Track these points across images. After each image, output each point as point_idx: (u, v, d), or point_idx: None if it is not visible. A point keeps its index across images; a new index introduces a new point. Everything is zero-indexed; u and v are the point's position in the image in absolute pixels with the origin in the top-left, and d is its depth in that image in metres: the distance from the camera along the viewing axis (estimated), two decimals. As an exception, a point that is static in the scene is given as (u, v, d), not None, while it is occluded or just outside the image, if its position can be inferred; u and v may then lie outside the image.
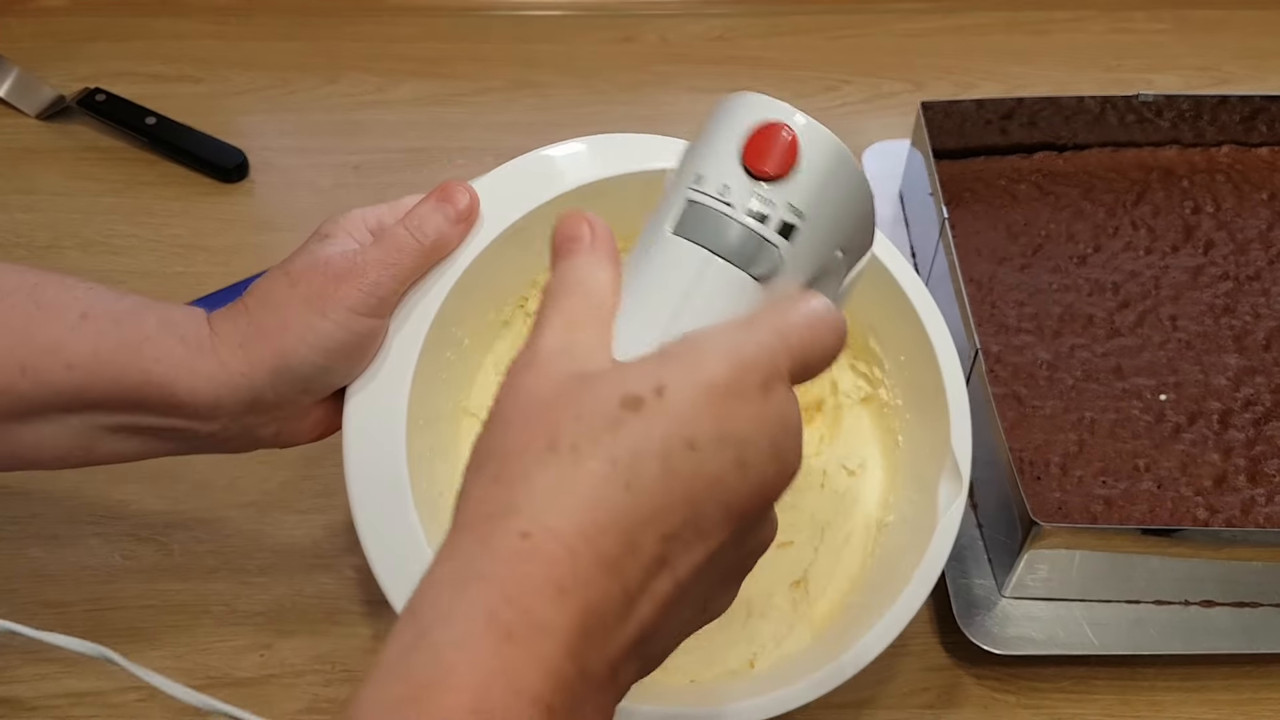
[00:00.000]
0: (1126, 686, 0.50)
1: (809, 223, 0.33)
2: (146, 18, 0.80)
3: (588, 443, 0.28)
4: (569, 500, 0.27)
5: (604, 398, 0.29)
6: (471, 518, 0.28)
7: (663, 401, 0.28)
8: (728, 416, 0.29)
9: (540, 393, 0.30)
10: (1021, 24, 0.82)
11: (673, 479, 0.28)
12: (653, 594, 0.28)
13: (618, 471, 0.28)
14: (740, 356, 0.29)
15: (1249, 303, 0.60)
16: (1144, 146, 0.67)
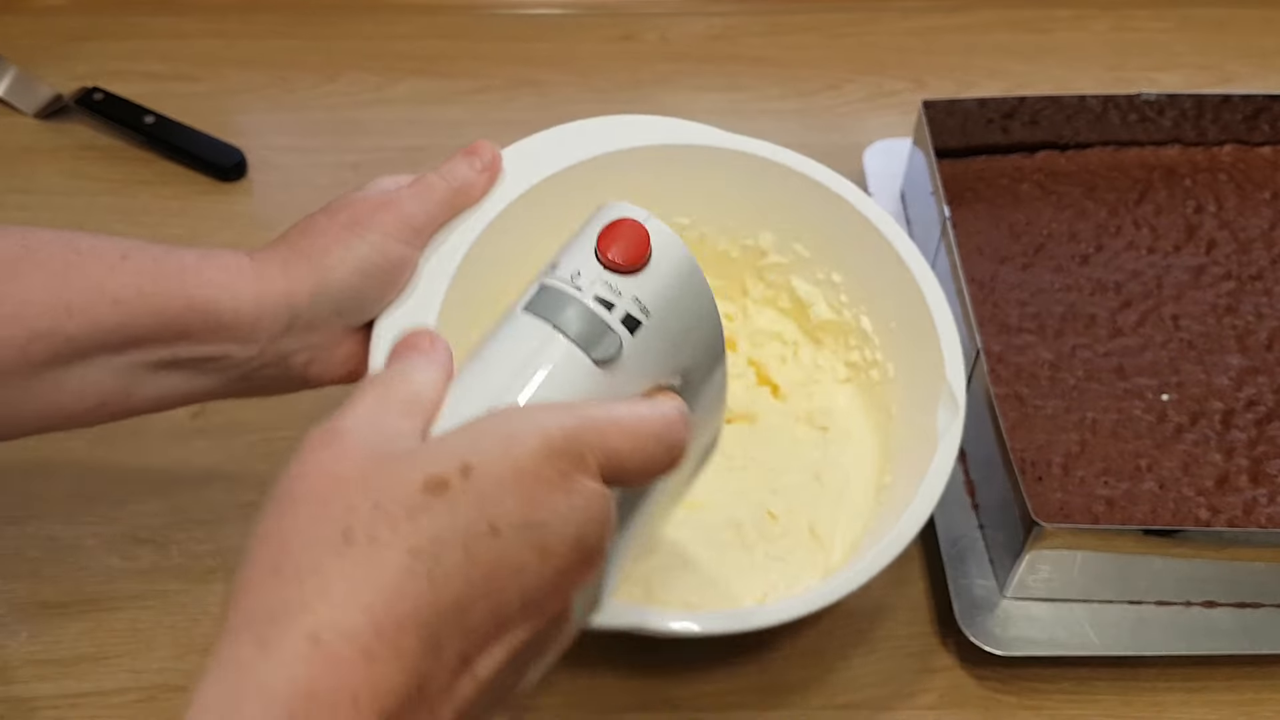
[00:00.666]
0: (1128, 687, 0.50)
1: (654, 321, 0.34)
2: (145, 16, 0.80)
3: (387, 531, 0.26)
4: (366, 596, 0.25)
5: (406, 480, 0.27)
6: (249, 617, 0.26)
7: (468, 483, 0.27)
8: (532, 501, 0.27)
9: (338, 472, 0.28)
10: (1024, 22, 0.82)
11: (474, 567, 0.26)
12: (454, 697, 0.27)
13: (419, 562, 0.26)
14: (549, 440, 0.28)
15: (1251, 302, 0.60)
16: (1146, 145, 0.67)
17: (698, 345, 0.36)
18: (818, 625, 0.52)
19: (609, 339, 0.33)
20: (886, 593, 0.53)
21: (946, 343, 0.48)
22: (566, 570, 0.28)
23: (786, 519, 0.51)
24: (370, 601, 0.25)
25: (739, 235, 0.56)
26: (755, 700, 0.49)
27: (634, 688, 0.49)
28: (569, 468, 0.28)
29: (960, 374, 0.47)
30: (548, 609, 0.29)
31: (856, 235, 0.52)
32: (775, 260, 0.56)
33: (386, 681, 0.25)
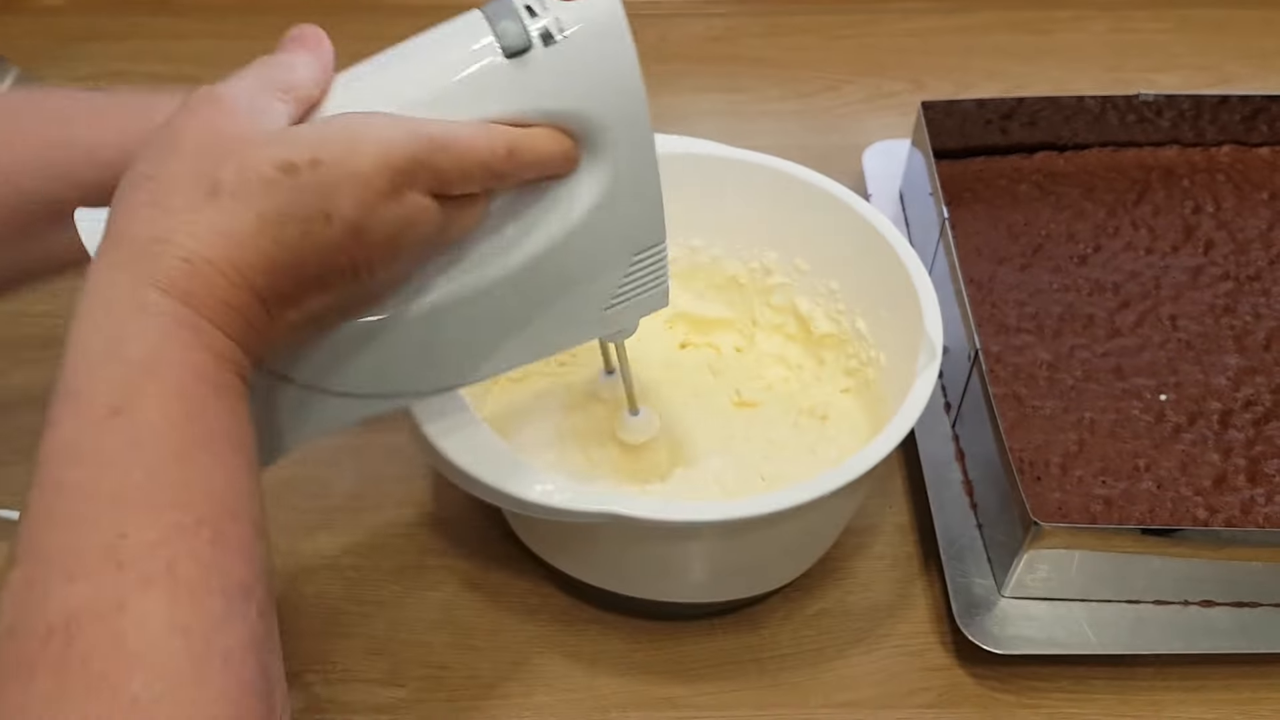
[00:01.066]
0: (1126, 686, 0.50)
1: (569, 46, 0.36)
2: (145, 17, 0.80)
3: (244, 193, 0.32)
4: (224, 240, 0.32)
5: (267, 156, 0.33)
6: (131, 239, 0.32)
7: (314, 174, 0.33)
8: (362, 203, 0.33)
9: (217, 127, 0.34)
10: (1022, 23, 0.82)
11: (305, 241, 0.33)
12: (288, 322, 0.34)
13: (265, 226, 0.32)
14: (388, 155, 0.33)
15: (1249, 303, 0.60)
16: (1144, 146, 0.67)
17: (607, 98, 0.37)
18: (818, 624, 0.52)
19: (516, 33, 0.36)
20: (886, 592, 0.53)
21: (926, 302, 0.48)
22: (375, 261, 0.35)
23: (775, 482, 0.52)
24: (226, 245, 0.32)
25: (746, 257, 0.57)
26: (755, 699, 0.50)
27: (634, 687, 0.50)
28: (401, 182, 0.34)
29: (938, 326, 0.48)
30: (350, 285, 0.35)
31: (839, 223, 0.53)
32: (780, 280, 0.56)
33: (239, 297, 0.32)
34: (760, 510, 0.42)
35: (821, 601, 0.53)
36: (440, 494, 0.56)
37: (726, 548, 0.47)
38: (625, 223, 0.40)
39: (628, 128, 0.38)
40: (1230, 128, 0.67)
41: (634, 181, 0.39)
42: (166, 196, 0.32)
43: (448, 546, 0.54)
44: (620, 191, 0.39)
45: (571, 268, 0.40)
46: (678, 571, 0.48)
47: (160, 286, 0.31)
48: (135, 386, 0.31)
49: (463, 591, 0.52)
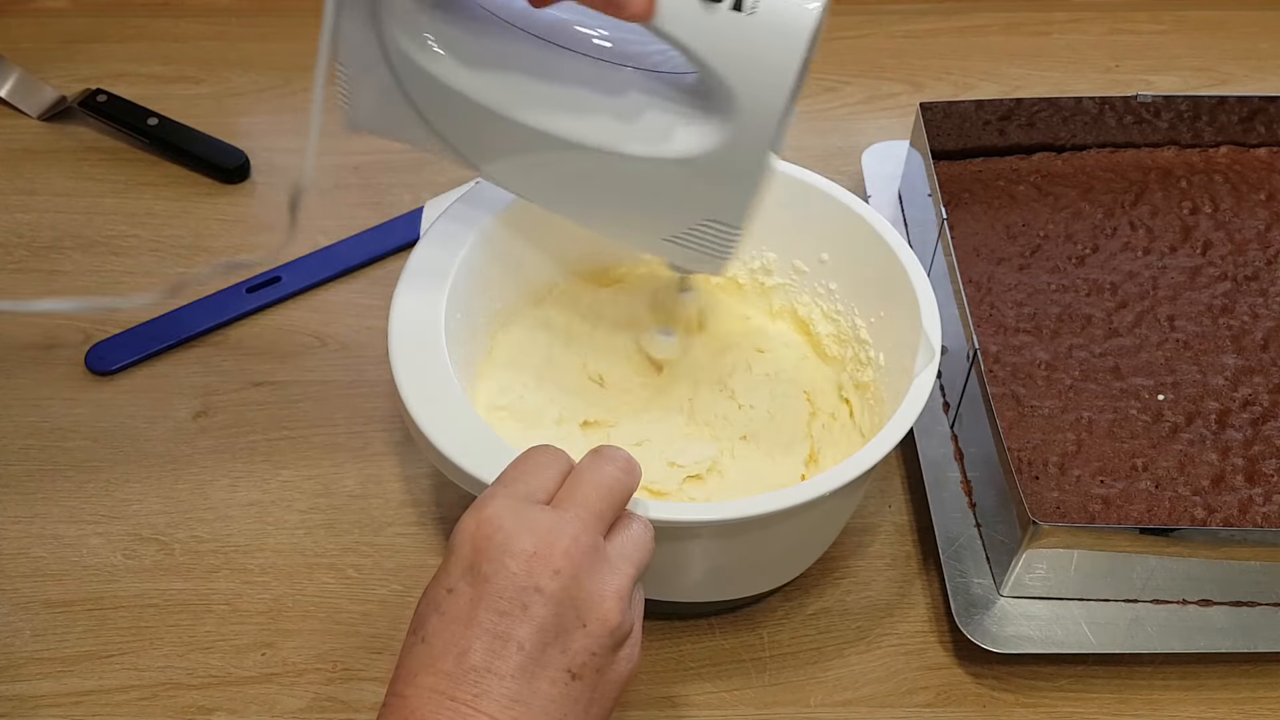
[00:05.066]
0: (1124, 685, 0.50)
1: (750, 20, 0.39)
2: (148, 19, 0.80)
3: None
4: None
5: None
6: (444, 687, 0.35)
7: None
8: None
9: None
10: (1020, 25, 0.82)
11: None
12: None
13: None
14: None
15: (1247, 303, 0.60)
16: (1142, 147, 0.68)
17: (752, 82, 0.39)
18: (817, 624, 0.52)
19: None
20: (885, 591, 0.53)
21: (924, 303, 0.49)
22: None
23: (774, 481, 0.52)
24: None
25: (746, 258, 0.57)
26: (754, 699, 0.50)
27: (633, 687, 0.50)
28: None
29: (936, 326, 0.48)
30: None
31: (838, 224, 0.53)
32: (779, 281, 0.56)
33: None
34: (760, 510, 0.42)
35: (821, 601, 0.53)
36: (441, 493, 0.56)
37: (726, 548, 0.47)
38: (712, 189, 0.43)
39: (756, 116, 0.40)
40: (1228, 129, 0.67)
41: (738, 163, 0.42)
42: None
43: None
44: (722, 163, 0.42)
45: (649, 184, 0.43)
46: (678, 571, 0.48)
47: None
48: None
49: (463, 591, 0.53)
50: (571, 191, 0.46)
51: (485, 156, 0.46)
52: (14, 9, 0.80)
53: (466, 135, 0.46)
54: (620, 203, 0.45)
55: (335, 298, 0.64)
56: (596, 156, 0.43)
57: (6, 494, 0.55)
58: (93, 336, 0.62)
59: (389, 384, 0.46)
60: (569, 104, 0.43)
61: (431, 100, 0.45)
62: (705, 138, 0.41)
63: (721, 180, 0.43)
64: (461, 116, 0.44)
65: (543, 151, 0.44)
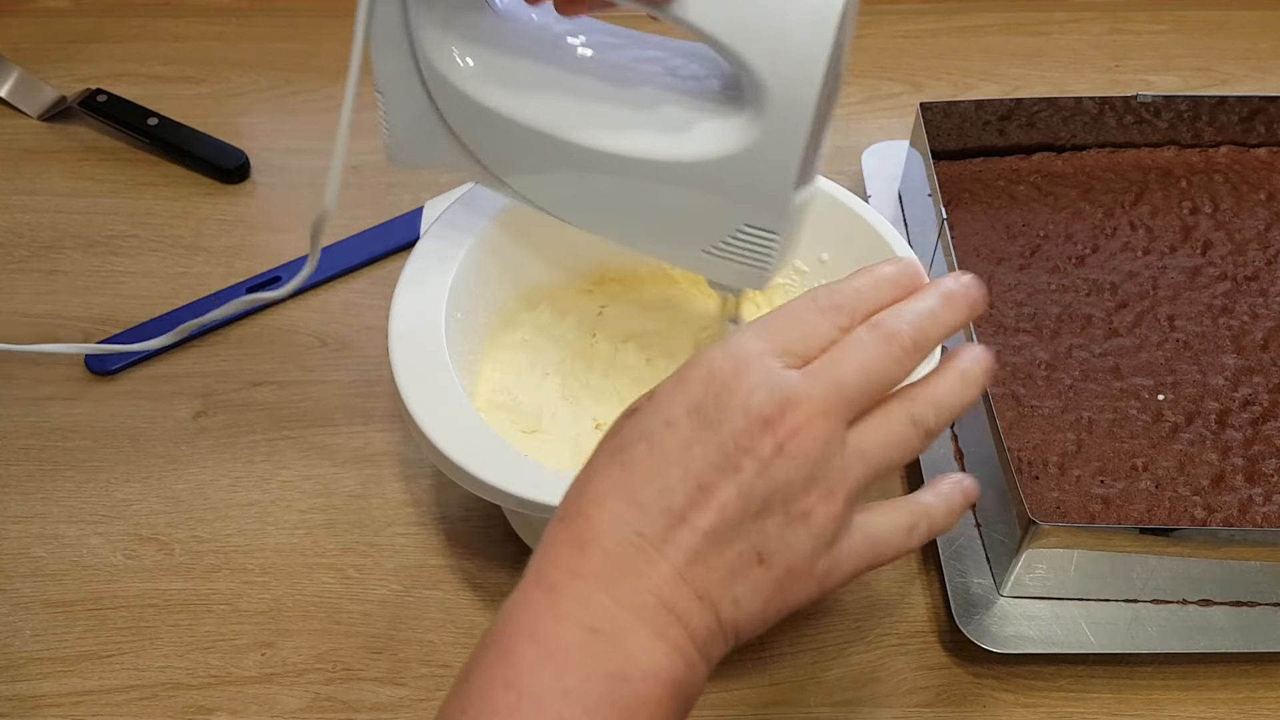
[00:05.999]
0: (1124, 685, 0.50)
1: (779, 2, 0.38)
2: (148, 19, 0.80)
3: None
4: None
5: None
6: (598, 575, 0.34)
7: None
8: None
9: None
10: (1020, 25, 0.82)
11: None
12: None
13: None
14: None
15: (1247, 303, 0.60)
16: (1142, 147, 0.68)
17: (781, 69, 0.38)
18: (816, 624, 0.52)
19: None
20: (884, 591, 0.53)
21: None
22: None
23: None
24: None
25: None
26: (754, 698, 0.50)
27: (634, 685, 0.50)
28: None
29: None
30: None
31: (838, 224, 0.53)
32: (779, 281, 0.57)
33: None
34: None
35: (820, 601, 0.53)
36: (441, 493, 0.56)
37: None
38: (748, 189, 0.41)
39: (787, 105, 0.39)
40: (1228, 129, 0.67)
41: (772, 158, 0.40)
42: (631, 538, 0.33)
43: (449, 546, 0.54)
44: (756, 159, 0.40)
45: (686, 192, 0.42)
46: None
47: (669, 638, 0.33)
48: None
49: (464, 591, 0.53)
50: (611, 209, 0.45)
51: (526, 180, 0.46)
52: (14, 9, 0.80)
53: (505, 158, 0.45)
54: (659, 217, 0.44)
55: (335, 298, 0.64)
56: (631, 167, 0.42)
57: (6, 494, 0.55)
58: (93, 336, 0.62)
59: (389, 384, 0.46)
60: (601, 117, 0.42)
61: (468, 123, 0.44)
62: (737, 134, 0.40)
63: (756, 180, 0.41)
64: (498, 138, 0.44)
65: (579, 168, 0.43)
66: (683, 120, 0.41)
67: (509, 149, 0.45)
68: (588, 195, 0.45)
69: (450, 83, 0.43)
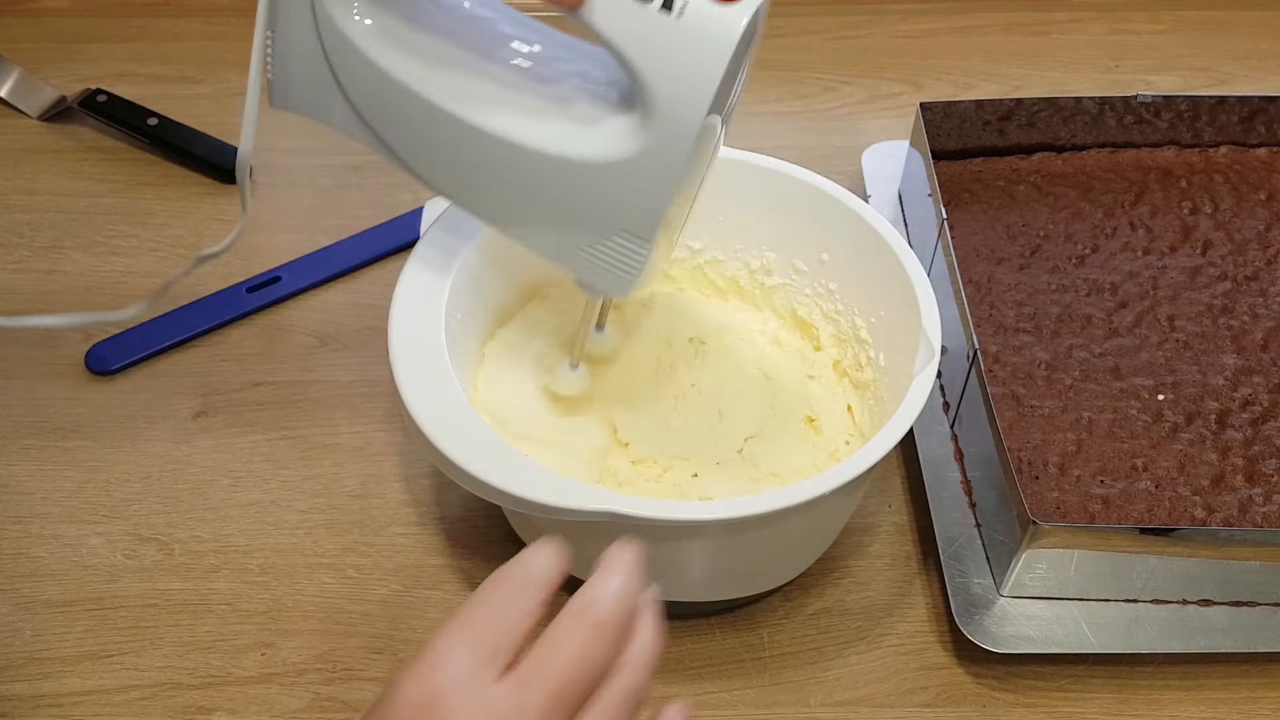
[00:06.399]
0: (1124, 685, 0.50)
1: (675, 24, 0.38)
2: (148, 19, 0.80)
3: None
4: None
5: None
6: None
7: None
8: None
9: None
10: (1020, 25, 0.82)
11: None
12: None
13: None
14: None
15: (1247, 303, 0.60)
16: (1142, 147, 0.68)
17: (672, 88, 0.39)
18: (817, 623, 0.52)
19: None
20: (884, 591, 0.53)
21: (924, 303, 0.49)
22: None
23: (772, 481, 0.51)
24: None
25: (746, 258, 0.57)
26: (754, 698, 0.50)
27: (634, 685, 0.50)
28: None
29: (936, 326, 0.48)
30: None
31: (838, 224, 0.53)
32: (779, 281, 0.57)
33: None
34: (760, 510, 0.42)
35: (821, 601, 0.53)
36: (441, 493, 0.56)
37: (726, 547, 0.47)
38: (626, 197, 0.42)
39: (674, 123, 0.39)
40: (1228, 129, 0.67)
41: (654, 171, 0.41)
42: None
43: (449, 546, 0.54)
44: (637, 169, 0.41)
45: (566, 190, 0.42)
46: (678, 571, 0.48)
47: None
48: None
49: (464, 590, 0.53)
50: (489, 192, 0.45)
51: (413, 152, 0.45)
52: (14, 9, 0.80)
53: (394, 126, 0.45)
54: (536, 207, 0.44)
55: (335, 298, 0.64)
56: (514, 153, 0.42)
57: (6, 494, 0.55)
58: (93, 336, 0.62)
59: (389, 384, 0.46)
60: (492, 96, 0.42)
61: (357, 80, 0.44)
62: (623, 142, 0.41)
63: (635, 190, 0.42)
64: (386, 100, 0.44)
65: (462, 145, 0.43)
66: (589, 120, 0.42)
67: (401, 119, 0.44)
68: (474, 176, 0.45)
69: (347, 39, 0.43)
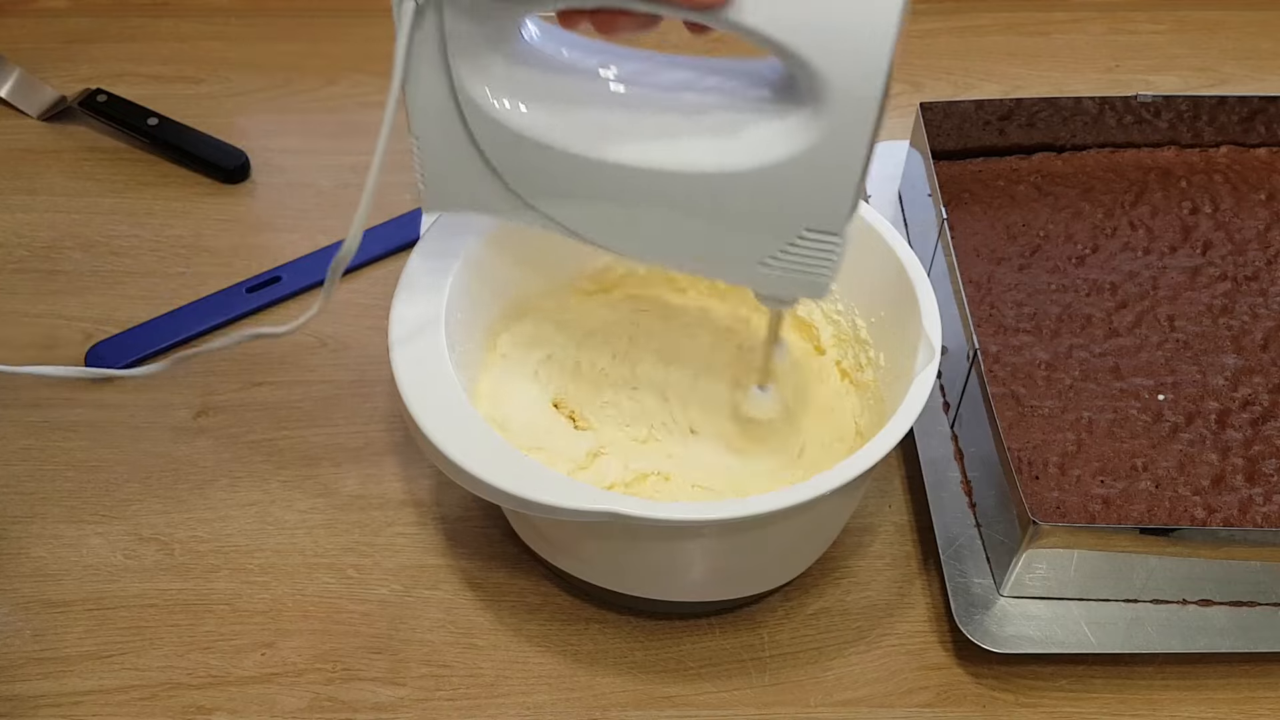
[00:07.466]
0: (1124, 685, 0.50)
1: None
2: (148, 19, 0.80)
3: None
4: None
5: None
6: None
7: None
8: None
9: None
10: (1020, 25, 0.82)
11: None
12: None
13: None
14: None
15: (1247, 303, 0.60)
16: (1142, 147, 0.68)
17: (843, 62, 0.37)
18: (817, 623, 0.52)
19: None
20: (884, 591, 0.53)
21: (925, 303, 0.49)
22: None
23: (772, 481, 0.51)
24: None
25: None
26: (754, 698, 0.50)
27: (634, 686, 0.50)
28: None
29: (936, 326, 0.48)
30: None
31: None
32: None
33: None
34: (760, 510, 0.42)
35: (821, 601, 0.53)
36: (442, 493, 0.56)
37: (726, 547, 0.47)
38: (809, 192, 0.40)
39: (852, 99, 0.37)
40: (1228, 129, 0.67)
41: (834, 157, 0.39)
42: None
43: (449, 546, 0.54)
44: (817, 160, 0.39)
45: (743, 201, 0.41)
46: (678, 571, 0.48)
47: None
48: None
49: (463, 590, 0.53)
50: (659, 230, 0.43)
51: (570, 211, 0.44)
52: (14, 9, 0.80)
53: (547, 188, 0.43)
54: (711, 233, 0.42)
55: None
56: (682, 182, 0.41)
57: (6, 494, 0.55)
58: (93, 336, 0.62)
59: (389, 384, 0.46)
60: (649, 133, 0.41)
61: (507, 156, 0.43)
62: (797, 137, 0.39)
63: (819, 181, 0.40)
64: (545, 170, 0.43)
65: (629, 191, 0.42)
66: (736, 126, 0.40)
67: (550, 178, 0.43)
68: (634, 218, 0.43)
69: (489, 115, 0.42)
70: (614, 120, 0.41)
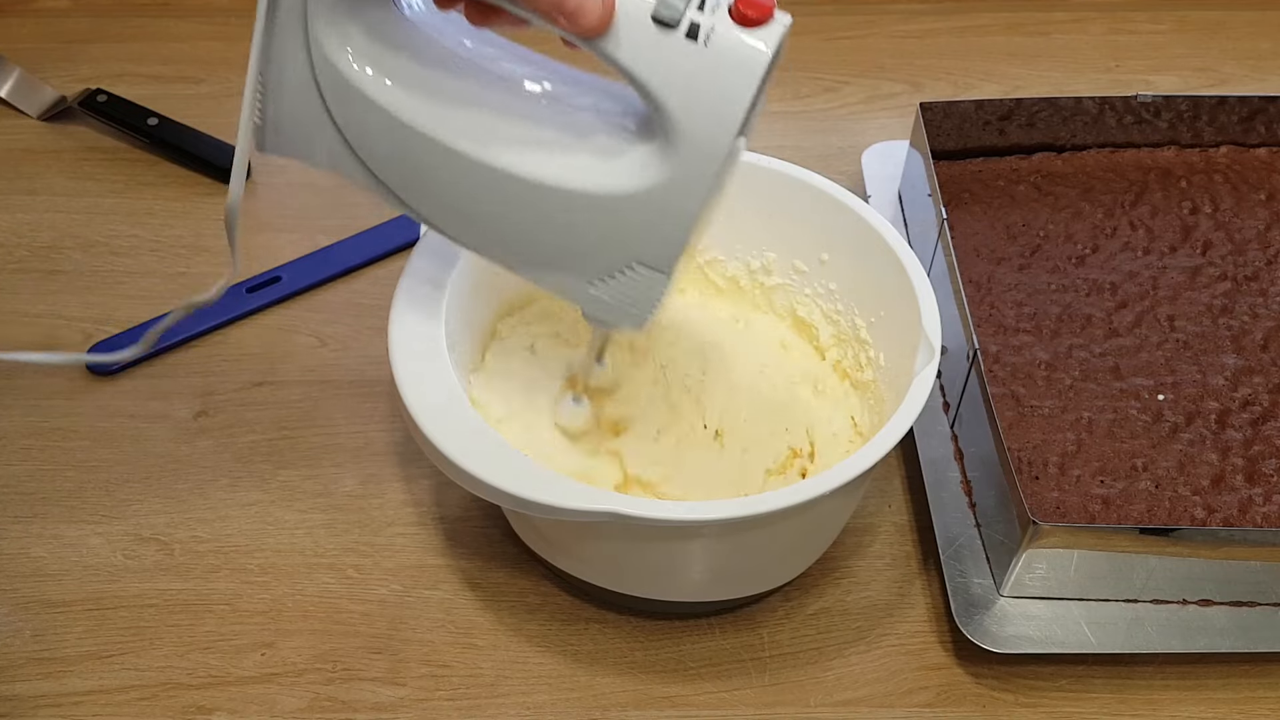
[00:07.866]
0: (1124, 685, 0.50)
1: (703, 53, 0.38)
2: (148, 19, 0.80)
3: None
4: None
5: None
6: None
7: None
8: None
9: None
10: (1020, 25, 0.82)
11: None
12: None
13: None
14: None
15: (1247, 303, 0.60)
16: (1142, 147, 0.68)
17: (699, 117, 0.38)
18: (817, 623, 0.52)
19: (676, 7, 0.37)
20: (884, 591, 0.53)
21: (924, 303, 0.49)
22: None
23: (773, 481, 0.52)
24: None
25: (746, 258, 0.57)
26: (754, 698, 0.50)
27: (634, 686, 0.50)
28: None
29: (936, 326, 0.48)
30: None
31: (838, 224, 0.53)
32: (779, 281, 0.56)
33: None
34: (760, 510, 0.42)
35: (821, 601, 0.53)
36: (441, 493, 0.56)
37: (726, 547, 0.47)
38: (646, 228, 0.41)
39: (700, 153, 0.39)
40: (1228, 129, 0.67)
41: (675, 200, 0.40)
42: None
43: (448, 546, 0.54)
44: (658, 198, 0.40)
45: (584, 221, 0.41)
46: (678, 571, 0.48)
47: None
48: None
49: (463, 590, 0.53)
50: (501, 230, 0.44)
51: (413, 192, 0.44)
52: (14, 9, 0.80)
53: (394, 165, 0.43)
54: (552, 244, 0.43)
55: (335, 298, 0.65)
56: (528, 189, 0.41)
57: (6, 494, 0.55)
58: (93, 336, 0.62)
59: (389, 384, 0.46)
60: (505, 133, 0.42)
61: (357, 121, 0.43)
62: (644, 171, 0.40)
63: (658, 219, 0.41)
64: (387, 140, 0.42)
65: (479, 186, 0.42)
66: (609, 151, 0.41)
67: (401, 157, 0.43)
68: (476, 212, 0.43)
69: (348, 81, 0.42)
70: (473, 113, 0.42)
